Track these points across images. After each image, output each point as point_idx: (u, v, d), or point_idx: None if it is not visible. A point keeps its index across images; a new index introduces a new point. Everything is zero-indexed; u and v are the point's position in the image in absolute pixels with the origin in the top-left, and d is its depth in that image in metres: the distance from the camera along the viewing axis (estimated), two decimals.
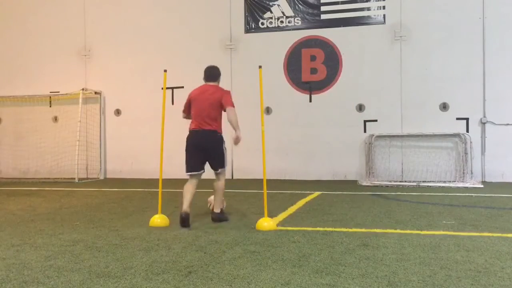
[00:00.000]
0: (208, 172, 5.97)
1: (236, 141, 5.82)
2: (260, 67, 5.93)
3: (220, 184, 5.96)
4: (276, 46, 11.74)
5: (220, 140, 5.93)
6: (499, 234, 5.01)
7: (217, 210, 5.97)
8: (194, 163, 5.86)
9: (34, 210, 7.22)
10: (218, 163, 5.93)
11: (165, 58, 11.94)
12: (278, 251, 4.41)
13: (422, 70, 10.93)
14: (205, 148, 5.85)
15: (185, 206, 5.66)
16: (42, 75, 13.13)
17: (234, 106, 5.86)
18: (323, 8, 11.55)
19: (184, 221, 5.59)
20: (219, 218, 5.93)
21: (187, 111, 6.11)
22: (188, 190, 5.79)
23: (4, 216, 6.68)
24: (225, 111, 5.86)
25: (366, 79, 11.25)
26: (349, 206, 7.15)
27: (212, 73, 6.11)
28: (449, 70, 10.76)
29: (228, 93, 6.04)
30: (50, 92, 12.99)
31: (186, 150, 5.94)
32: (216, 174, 6.00)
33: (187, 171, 5.89)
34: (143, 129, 12.38)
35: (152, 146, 11.63)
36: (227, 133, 6.12)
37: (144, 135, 12.31)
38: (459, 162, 10.56)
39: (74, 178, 12.02)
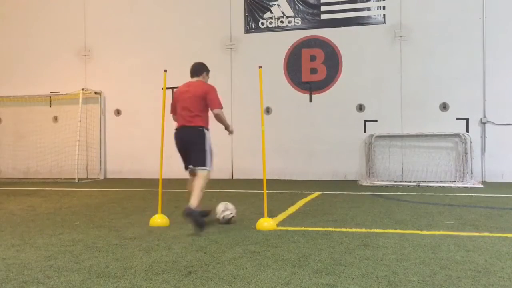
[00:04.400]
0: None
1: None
2: (260, 67, 5.92)
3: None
4: (276, 46, 11.73)
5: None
6: (499, 234, 5.01)
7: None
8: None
9: (34, 210, 7.22)
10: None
11: (165, 58, 11.92)
12: (278, 251, 4.41)
13: (422, 70, 10.94)
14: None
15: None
16: (42, 75, 13.12)
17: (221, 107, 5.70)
18: (323, 8, 11.55)
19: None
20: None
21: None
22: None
23: (4, 216, 6.68)
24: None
25: (366, 79, 11.25)
26: (349, 206, 7.15)
27: (195, 69, 5.98)
28: (449, 70, 10.76)
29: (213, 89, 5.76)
30: (50, 92, 12.99)
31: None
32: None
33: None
34: (143, 129, 12.38)
35: (152, 146, 11.63)
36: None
37: (144, 135, 12.31)
38: (459, 162, 10.56)
39: (74, 178, 12.01)
